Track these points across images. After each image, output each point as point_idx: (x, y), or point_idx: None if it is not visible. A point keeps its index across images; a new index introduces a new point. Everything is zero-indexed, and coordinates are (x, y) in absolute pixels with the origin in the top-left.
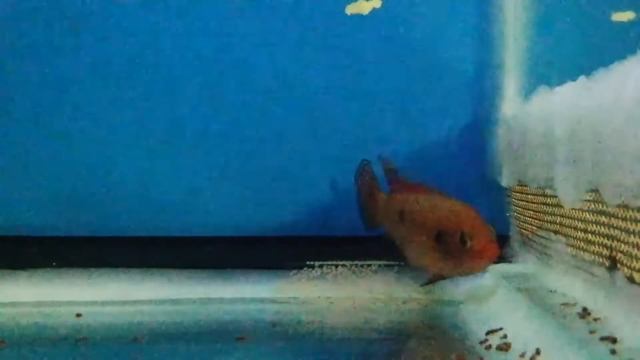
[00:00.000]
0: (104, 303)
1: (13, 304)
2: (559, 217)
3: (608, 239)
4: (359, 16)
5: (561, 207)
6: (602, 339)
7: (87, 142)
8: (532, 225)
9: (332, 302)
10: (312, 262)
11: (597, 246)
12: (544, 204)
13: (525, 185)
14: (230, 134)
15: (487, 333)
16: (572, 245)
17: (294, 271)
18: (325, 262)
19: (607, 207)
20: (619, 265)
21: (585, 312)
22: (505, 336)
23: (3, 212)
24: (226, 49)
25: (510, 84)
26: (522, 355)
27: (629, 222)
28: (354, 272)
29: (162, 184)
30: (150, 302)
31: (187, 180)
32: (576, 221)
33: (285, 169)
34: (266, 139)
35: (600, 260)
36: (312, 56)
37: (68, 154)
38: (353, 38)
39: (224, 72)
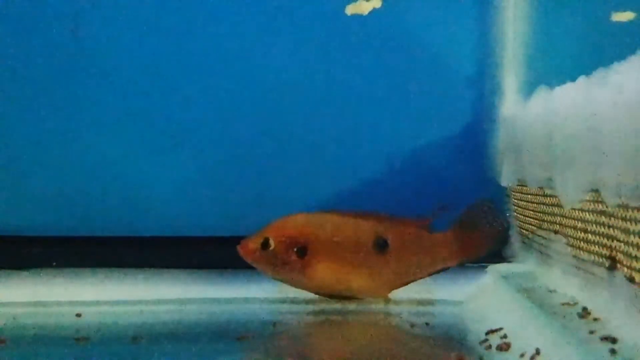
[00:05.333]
0: (104, 303)
1: (13, 304)
2: (559, 217)
3: (608, 239)
4: (359, 16)
5: (561, 207)
6: (602, 339)
7: (87, 142)
8: (532, 225)
9: (332, 302)
10: None
11: (597, 246)
12: (544, 204)
13: (525, 185)
14: (230, 135)
15: (487, 333)
16: (572, 245)
17: None
18: None
19: (607, 207)
20: (619, 265)
21: (585, 312)
22: (505, 336)
23: (3, 212)
24: (225, 49)
25: (510, 84)
26: (522, 355)
27: (629, 222)
28: None
29: (162, 185)
30: (150, 302)
31: (188, 181)
32: (576, 221)
33: (285, 169)
34: (266, 139)
35: (600, 260)
36: (311, 56)
37: (68, 154)
38: (353, 38)
39: (223, 73)
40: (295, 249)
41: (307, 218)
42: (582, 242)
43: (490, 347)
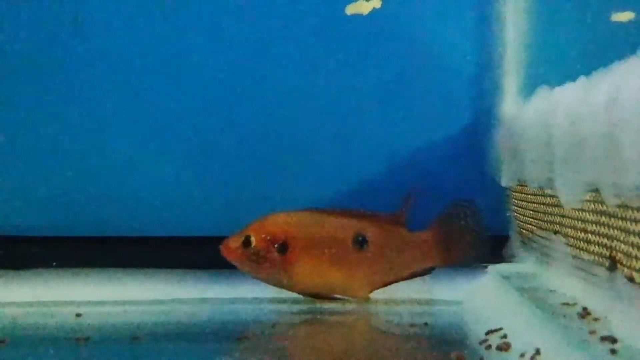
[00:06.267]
0: (104, 303)
1: (13, 304)
2: (559, 217)
3: (608, 239)
4: (359, 16)
5: (561, 207)
6: (602, 339)
7: (87, 142)
8: (532, 225)
9: (332, 302)
10: None
11: (597, 246)
12: (544, 204)
13: (525, 185)
14: (230, 135)
15: (487, 333)
16: (572, 245)
17: None
18: None
19: (607, 207)
20: (619, 265)
21: (585, 312)
22: (505, 336)
23: (3, 212)
24: (224, 49)
25: (510, 84)
26: (522, 355)
27: (629, 222)
28: None
29: (162, 185)
30: (150, 302)
31: (188, 181)
32: (576, 221)
33: (284, 169)
34: (265, 140)
35: (600, 260)
36: (311, 56)
37: (68, 154)
38: (353, 38)
39: (221, 73)
40: (276, 246)
41: (288, 216)
42: (582, 242)
43: (490, 347)
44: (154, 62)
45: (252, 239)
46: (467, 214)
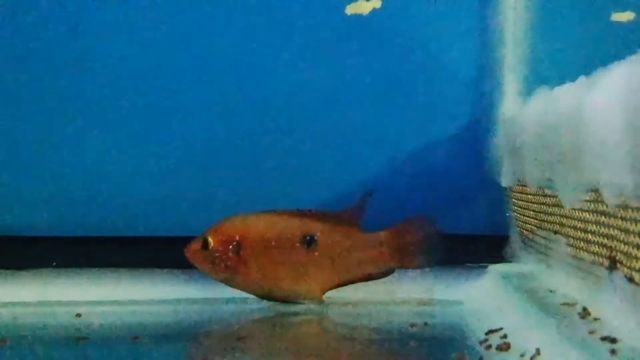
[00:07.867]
0: (104, 303)
1: (13, 304)
2: (559, 217)
3: (608, 239)
4: (359, 16)
5: (561, 207)
6: (602, 339)
7: (86, 142)
8: (532, 225)
9: (332, 303)
10: None
11: (597, 246)
12: (544, 204)
13: (525, 185)
14: (230, 136)
15: (487, 333)
16: (572, 245)
17: None
18: None
19: (607, 207)
20: (619, 265)
21: (585, 312)
22: (505, 336)
23: (3, 212)
24: (224, 49)
25: (510, 84)
26: (522, 355)
27: (629, 222)
28: None
29: (162, 185)
30: (150, 302)
31: (188, 181)
32: (576, 221)
33: (283, 169)
34: (264, 140)
35: (600, 260)
36: (311, 56)
37: (68, 154)
38: (353, 38)
39: (221, 73)
40: (231, 247)
41: (244, 217)
42: (582, 242)
43: (490, 347)
44: (154, 62)
45: (210, 240)
46: (425, 222)
